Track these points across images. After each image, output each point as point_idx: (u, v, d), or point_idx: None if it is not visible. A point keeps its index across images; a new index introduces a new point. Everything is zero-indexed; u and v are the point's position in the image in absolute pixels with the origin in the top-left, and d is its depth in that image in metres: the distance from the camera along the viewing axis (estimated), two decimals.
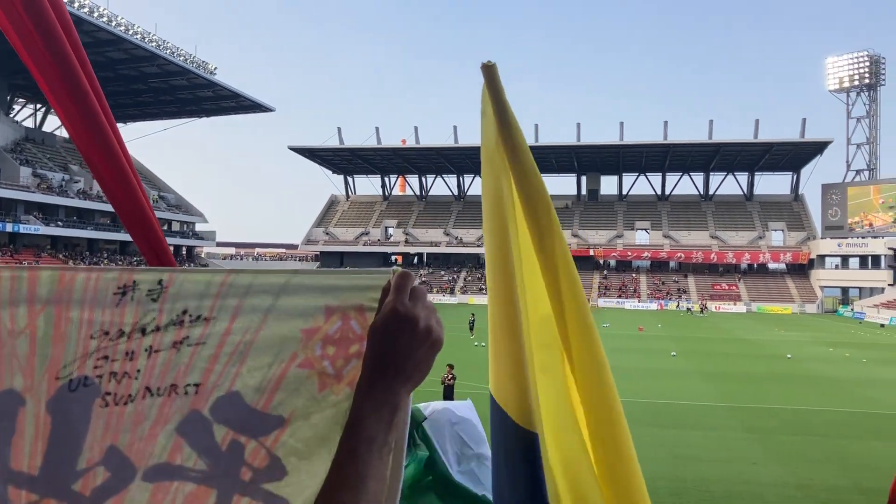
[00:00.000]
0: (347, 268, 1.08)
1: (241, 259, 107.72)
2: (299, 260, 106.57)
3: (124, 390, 1.15)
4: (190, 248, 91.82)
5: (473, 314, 45.09)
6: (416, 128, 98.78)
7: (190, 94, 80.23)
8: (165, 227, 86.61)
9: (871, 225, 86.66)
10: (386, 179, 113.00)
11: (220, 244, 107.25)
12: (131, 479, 1.12)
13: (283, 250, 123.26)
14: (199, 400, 1.15)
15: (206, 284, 1.19)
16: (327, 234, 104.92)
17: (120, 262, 70.40)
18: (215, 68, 77.28)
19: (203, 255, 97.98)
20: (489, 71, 1.62)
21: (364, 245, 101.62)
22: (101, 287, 1.18)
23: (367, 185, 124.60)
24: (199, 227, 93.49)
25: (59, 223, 70.00)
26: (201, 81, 75.83)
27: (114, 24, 62.73)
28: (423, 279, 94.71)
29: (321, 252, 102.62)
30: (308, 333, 1.16)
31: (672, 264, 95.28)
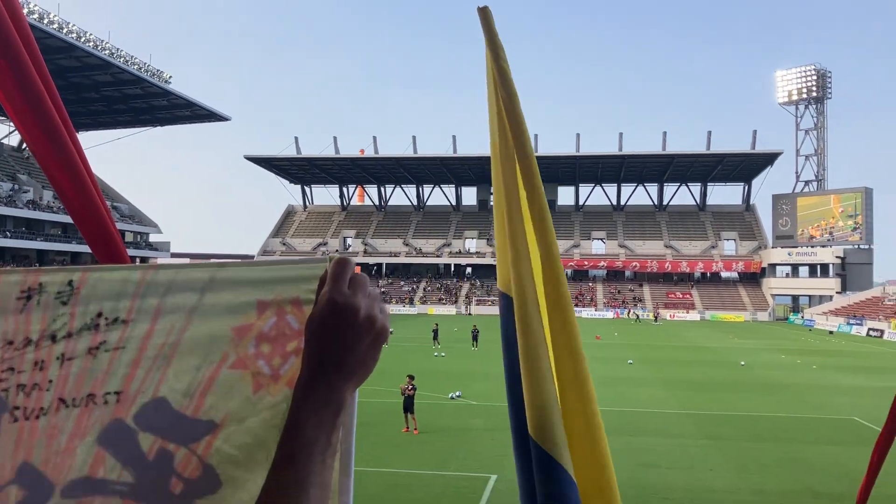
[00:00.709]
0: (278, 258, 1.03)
1: None
2: None
3: (35, 403, 1.05)
4: (144, 260, 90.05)
5: (437, 324, 45.20)
6: (374, 137, 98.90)
7: (144, 102, 79.08)
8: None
9: (830, 234, 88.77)
10: (344, 189, 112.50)
11: (174, 255, 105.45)
12: (48, 497, 1.03)
13: (239, 262, 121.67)
14: (122, 408, 1.06)
15: (122, 283, 1.08)
16: (284, 244, 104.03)
17: None
18: (170, 77, 76.35)
19: None
20: (483, 14, 1.89)
21: (322, 255, 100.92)
22: (3, 290, 1.07)
23: (325, 195, 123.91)
24: (153, 238, 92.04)
25: (7, 234, 68.25)
26: (156, 90, 74.83)
27: (65, 31, 61.64)
28: (383, 290, 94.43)
29: None
30: (240, 331, 1.08)
31: (628, 273, 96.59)
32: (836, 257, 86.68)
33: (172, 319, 1.08)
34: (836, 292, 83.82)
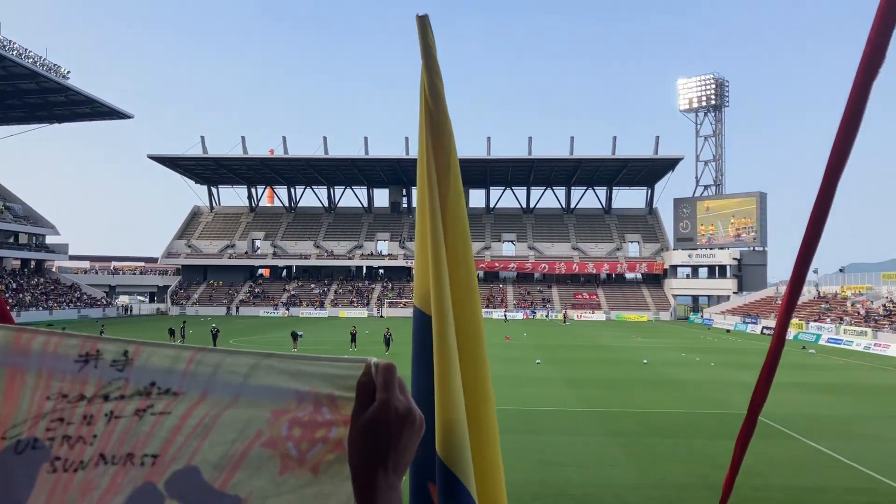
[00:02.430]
0: (320, 356, 1.07)
1: (97, 273, 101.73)
2: (160, 274, 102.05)
3: (77, 455, 1.08)
4: (39, 262, 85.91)
5: (355, 326, 44.86)
6: (284, 138, 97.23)
7: (40, 98, 75.29)
8: (12, 240, 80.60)
9: (738, 236, 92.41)
10: (253, 190, 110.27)
11: (73, 257, 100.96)
12: None
13: (143, 264, 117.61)
14: (156, 472, 1.09)
15: (174, 359, 1.13)
16: (190, 246, 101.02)
17: None
18: (68, 72, 73.03)
19: (55, 270, 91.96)
20: (421, 22, 1.84)
21: (229, 258, 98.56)
22: (60, 352, 1.11)
23: (233, 196, 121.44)
24: (49, 240, 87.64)
25: None
26: (53, 85, 71.44)
27: None
28: (293, 293, 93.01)
29: (183, 265, 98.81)
30: (276, 414, 1.12)
31: (537, 275, 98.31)
32: (733, 259, 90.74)
33: (219, 396, 1.12)
34: (733, 292, 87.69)
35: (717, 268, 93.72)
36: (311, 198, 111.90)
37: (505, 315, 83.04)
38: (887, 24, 1.04)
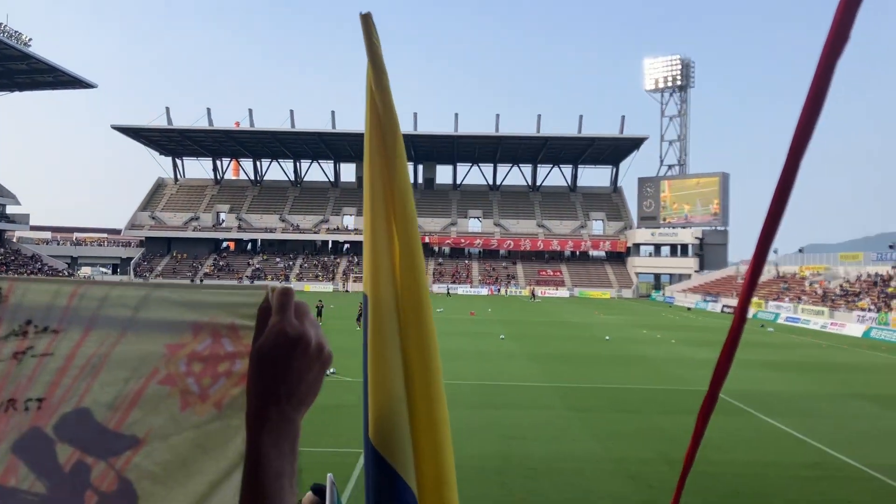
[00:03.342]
0: (212, 283, 1.00)
1: (59, 244, 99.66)
2: (123, 245, 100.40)
3: None
4: None
5: (321, 300, 44.72)
6: (250, 110, 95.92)
7: (0, 66, 73.18)
8: None
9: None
10: (218, 163, 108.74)
11: (34, 228, 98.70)
12: None
13: (106, 235, 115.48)
14: (42, 416, 1.01)
15: (53, 295, 1.05)
16: (154, 218, 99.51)
17: None
18: (30, 39, 71.04)
19: (15, 240, 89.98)
20: (364, 20, 1.84)
21: (194, 230, 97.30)
22: None
23: (198, 168, 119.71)
24: (10, 210, 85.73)
25: None
26: (13, 53, 69.45)
27: None
28: (257, 266, 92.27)
29: (147, 237, 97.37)
30: (173, 349, 1.07)
31: (502, 252, 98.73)
32: (695, 238, 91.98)
33: (105, 333, 1.06)
34: (695, 271, 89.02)
35: (679, 247, 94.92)
36: (277, 171, 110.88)
37: (533, 294, 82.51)
38: (851, 3, 1.04)
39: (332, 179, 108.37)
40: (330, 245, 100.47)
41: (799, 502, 12.50)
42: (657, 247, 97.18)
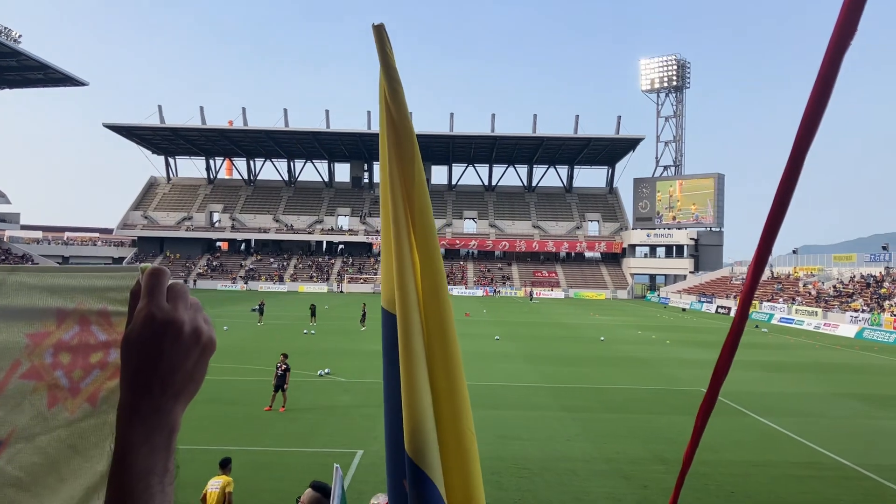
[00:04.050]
0: (78, 264, 0.90)
1: (49, 244, 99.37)
2: (115, 245, 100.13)
3: None
4: None
5: (314, 304, 44.75)
6: (244, 109, 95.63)
7: None
8: None
9: (685, 217, 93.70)
10: (211, 162, 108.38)
11: (24, 227, 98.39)
12: None
13: (98, 235, 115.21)
14: None
15: None
16: (146, 217, 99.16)
17: None
18: (20, 36, 70.74)
19: (6, 239, 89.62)
20: (377, 31, 1.86)
21: (187, 230, 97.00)
22: None
23: (191, 167, 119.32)
24: (0, 209, 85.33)
25: None
26: (3, 50, 69.05)
27: None
28: (251, 267, 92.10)
29: (139, 237, 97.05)
30: (36, 339, 0.94)
31: (497, 253, 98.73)
32: (690, 239, 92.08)
33: None
34: (690, 272, 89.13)
35: (674, 247, 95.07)
36: (271, 171, 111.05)
37: (531, 295, 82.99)
38: None
39: (326, 179, 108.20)
40: (324, 245, 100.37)
41: (792, 501, 12.53)
42: (652, 248, 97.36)
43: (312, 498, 5.53)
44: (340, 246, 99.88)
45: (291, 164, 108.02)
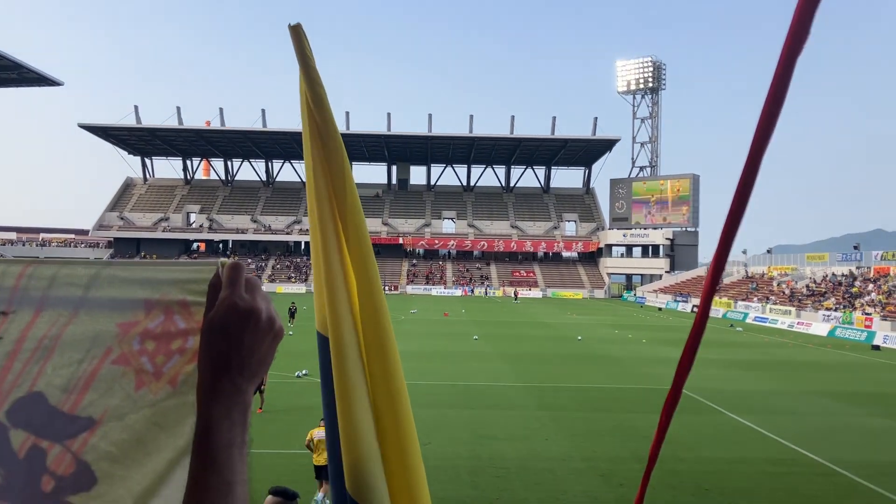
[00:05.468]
0: (161, 259, 0.94)
1: (24, 245, 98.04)
2: (90, 246, 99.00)
3: None
4: None
5: (294, 302, 44.57)
6: (221, 109, 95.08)
7: None
8: None
9: (671, 217, 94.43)
10: (188, 162, 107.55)
11: None
12: None
13: (73, 236, 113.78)
14: None
15: (0, 276, 1.04)
16: (122, 218, 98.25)
17: None
18: None
19: None
20: (294, 31, 1.71)
21: (163, 231, 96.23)
22: None
23: (168, 168, 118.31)
24: None
25: None
26: None
27: None
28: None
29: (115, 238, 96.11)
30: (125, 328, 1.05)
31: (476, 252, 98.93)
32: (666, 239, 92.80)
33: (56, 313, 1.03)
34: (666, 271, 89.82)
35: (650, 247, 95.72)
36: (249, 171, 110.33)
37: (515, 294, 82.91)
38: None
39: (304, 180, 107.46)
40: (303, 246, 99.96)
41: (765, 498, 12.73)
42: (629, 247, 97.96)
43: (275, 503, 5.60)
44: None
45: (269, 164, 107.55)
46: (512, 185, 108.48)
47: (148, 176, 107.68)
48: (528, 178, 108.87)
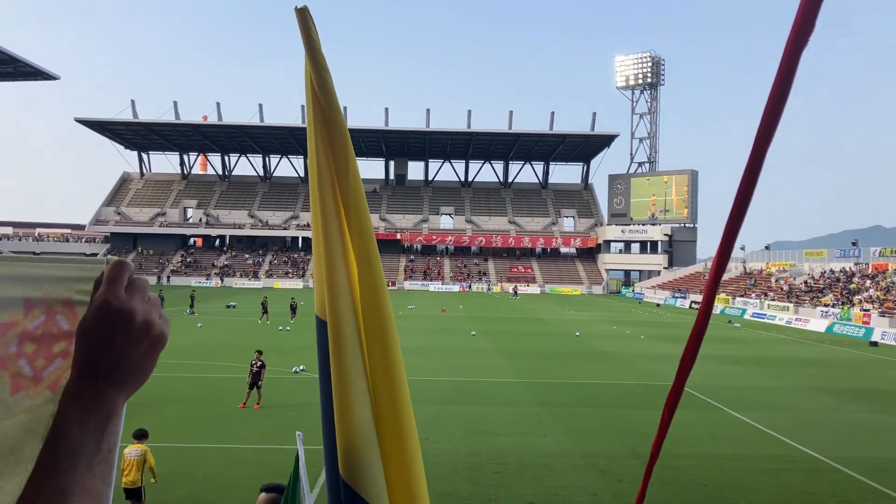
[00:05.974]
0: (46, 254, 0.89)
1: (20, 240, 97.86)
2: (87, 241, 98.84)
3: None
4: None
5: (294, 297, 44.50)
6: (218, 104, 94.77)
7: None
8: None
9: (660, 213, 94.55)
10: (185, 157, 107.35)
11: None
12: None
13: (70, 231, 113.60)
14: None
15: None
16: (119, 213, 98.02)
17: None
18: None
19: None
20: (301, 14, 1.73)
21: (160, 226, 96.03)
22: None
23: (164, 163, 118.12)
24: None
25: None
26: None
27: None
28: (226, 263, 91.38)
29: (112, 233, 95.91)
30: (2, 328, 0.95)
31: (473, 248, 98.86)
32: (665, 235, 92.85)
33: None
34: (664, 267, 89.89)
35: (648, 243, 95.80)
36: (246, 166, 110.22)
37: (514, 291, 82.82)
38: None
39: (301, 175, 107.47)
40: (300, 241, 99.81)
41: (763, 494, 12.70)
42: (627, 243, 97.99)
43: (269, 499, 5.52)
44: None
45: (267, 159, 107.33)
46: (510, 180, 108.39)
47: (145, 171, 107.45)
48: (526, 173, 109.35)
